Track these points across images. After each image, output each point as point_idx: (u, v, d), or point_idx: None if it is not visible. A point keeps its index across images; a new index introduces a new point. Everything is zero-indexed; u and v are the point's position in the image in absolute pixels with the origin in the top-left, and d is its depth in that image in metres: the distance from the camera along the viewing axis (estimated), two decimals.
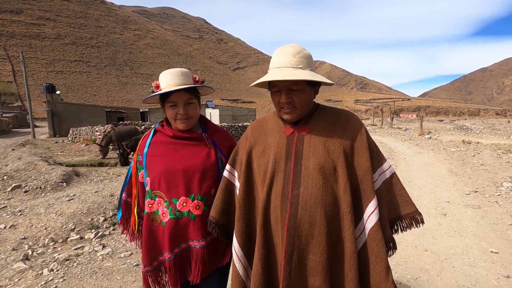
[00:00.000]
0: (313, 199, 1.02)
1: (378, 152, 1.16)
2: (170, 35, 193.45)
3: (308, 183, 1.04)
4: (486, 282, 2.56)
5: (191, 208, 1.31)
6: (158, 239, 1.34)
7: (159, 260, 1.35)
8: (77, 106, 26.95)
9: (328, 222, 1.03)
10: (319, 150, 1.07)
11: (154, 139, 1.43)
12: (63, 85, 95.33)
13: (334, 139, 1.09)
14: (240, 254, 1.18)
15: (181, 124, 1.36)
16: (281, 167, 1.10)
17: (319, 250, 1.02)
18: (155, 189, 1.34)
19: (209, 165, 1.36)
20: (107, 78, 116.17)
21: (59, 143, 16.92)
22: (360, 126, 1.14)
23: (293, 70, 1.06)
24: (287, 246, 1.03)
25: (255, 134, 1.26)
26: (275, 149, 1.14)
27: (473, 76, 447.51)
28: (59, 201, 4.98)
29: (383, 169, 1.14)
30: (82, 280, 2.78)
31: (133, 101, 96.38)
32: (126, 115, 30.56)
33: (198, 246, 1.32)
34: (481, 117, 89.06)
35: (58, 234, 3.86)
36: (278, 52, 1.11)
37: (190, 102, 1.36)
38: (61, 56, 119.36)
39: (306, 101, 1.11)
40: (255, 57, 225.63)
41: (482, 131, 20.74)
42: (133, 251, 3.37)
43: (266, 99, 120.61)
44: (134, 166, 1.45)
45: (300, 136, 1.12)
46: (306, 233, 1.03)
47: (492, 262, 2.90)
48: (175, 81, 1.32)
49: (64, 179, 6.30)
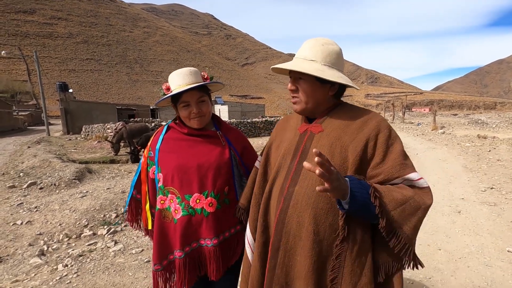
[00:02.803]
0: (304, 200, 0.99)
1: (404, 163, 0.96)
2: (179, 32, 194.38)
3: (305, 183, 1.01)
4: (503, 283, 2.48)
5: (204, 205, 1.30)
6: (169, 236, 1.34)
7: (169, 259, 1.35)
8: (89, 104, 27.47)
9: (317, 228, 0.97)
10: (324, 151, 1.02)
11: (167, 135, 1.43)
12: (75, 83, 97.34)
13: (344, 141, 1.01)
14: (251, 242, 1.19)
15: (195, 123, 1.36)
16: (286, 163, 1.10)
17: (303, 253, 0.98)
18: (167, 185, 1.33)
19: (223, 162, 1.35)
20: (118, 76, 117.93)
21: (72, 140, 17.32)
22: (382, 130, 1.00)
23: (302, 62, 1.06)
24: (274, 239, 1.04)
25: (278, 129, 1.29)
26: (286, 145, 1.14)
27: (489, 69, 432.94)
28: (72, 197, 5.09)
29: (409, 178, 0.95)
30: (95, 276, 2.84)
31: (144, 98, 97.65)
32: (136, 112, 30.96)
33: (211, 244, 1.31)
34: (497, 110, 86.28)
35: (72, 230, 3.96)
36: (303, 44, 1.11)
37: (202, 100, 1.35)
38: (73, 54, 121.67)
39: (313, 95, 1.07)
40: (263, 53, 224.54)
41: (499, 125, 20.06)
42: (144, 248, 3.43)
43: (275, 95, 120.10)
44: (145, 162, 1.45)
45: (311, 135, 1.09)
46: (294, 232, 1.00)
47: (510, 262, 2.80)
48: (184, 80, 1.32)
49: (77, 176, 6.44)
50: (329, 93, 1.08)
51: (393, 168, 0.95)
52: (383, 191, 0.90)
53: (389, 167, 0.95)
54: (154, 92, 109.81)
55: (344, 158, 0.99)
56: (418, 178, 0.95)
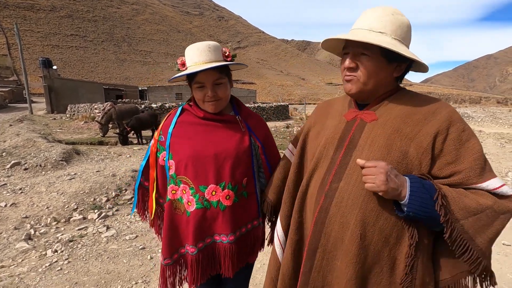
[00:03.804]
0: (351, 199, 0.86)
1: (483, 166, 0.82)
2: (169, 11, 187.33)
3: (352, 179, 0.87)
4: (502, 276, 2.52)
5: (221, 198, 1.18)
6: (181, 230, 1.22)
7: (180, 253, 1.24)
8: (75, 82, 26.32)
9: (365, 232, 0.85)
10: (379, 143, 0.87)
11: (181, 118, 1.28)
12: (59, 60, 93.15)
13: (405, 133, 0.86)
14: (282, 239, 1.09)
15: (210, 107, 1.21)
16: (329, 154, 0.96)
17: (346, 259, 0.86)
18: (180, 174, 1.20)
19: (242, 151, 1.22)
20: (105, 54, 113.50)
21: (57, 119, 16.67)
22: (454, 122, 0.85)
23: (369, 34, 0.88)
24: (311, 240, 0.93)
25: (318, 115, 1.14)
26: (329, 133, 0.99)
27: (477, 63, 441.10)
28: (60, 179, 4.88)
29: (489, 186, 0.80)
30: (88, 263, 2.72)
31: (131, 79, 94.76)
32: (124, 93, 30.03)
33: (226, 241, 1.20)
34: (482, 105, 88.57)
35: (61, 213, 3.79)
36: (364, 12, 0.93)
37: (219, 82, 1.19)
38: (57, 29, 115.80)
39: (375, 75, 0.90)
40: (256, 37, 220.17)
41: (484, 120, 20.55)
42: (138, 234, 3.31)
43: (267, 81, 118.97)
44: (155, 145, 1.30)
45: (361, 123, 0.94)
46: (335, 234, 0.89)
47: (506, 255, 2.86)
48: (201, 58, 1.16)
49: (64, 157, 6.18)
50: (393, 74, 0.92)
51: (472, 171, 0.80)
52: (452, 197, 0.78)
53: (466, 169, 0.81)
54: (142, 73, 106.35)
55: (404, 154, 0.85)
56: (500, 185, 0.80)
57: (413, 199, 0.76)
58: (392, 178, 0.78)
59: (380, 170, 0.78)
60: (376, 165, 0.80)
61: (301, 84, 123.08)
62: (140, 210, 1.39)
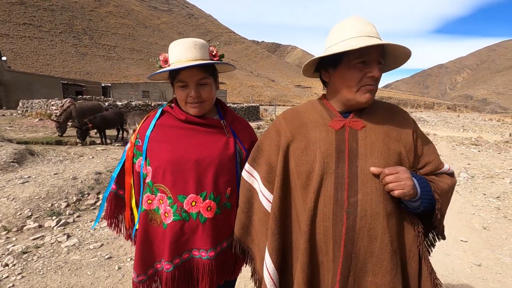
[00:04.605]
0: (373, 208, 0.86)
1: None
2: (135, 4, 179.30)
3: (367, 188, 0.87)
4: (462, 271, 2.71)
5: (201, 209, 1.09)
6: (156, 243, 1.12)
7: (155, 268, 1.14)
8: (28, 75, 24.08)
9: (392, 237, 0.87)
10: (378, 149, 0.90)
11: (160, 121, 1.17)
12: (9, 50, 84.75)
13: (394, 136, 0.94)
14: (274, 276, 0.98)
15: (192, 109, 1.13)
16: (331, 169, 0.90)
17: (381, 271, 0.85)
18: (157, 182, 1.10)
19: (227, 158, 1.14)
20: (63, 47, 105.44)
21: (7, 116, 15.12)
22: (414, 121, 1.02)
23: (378, 40, 0.89)
24: (343, 267, 0.86)
25: (292, 128, 1.02)
26: (322, 147, 0.93)
27: (431, 72, 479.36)
28: (10, 183, 4.39)
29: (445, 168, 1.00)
30: (45, 277, 2.46)
31: (93, 74, 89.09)
32: (85, 89, 28.15)
33: (206, 257, 1.11)
34: (434, 110, 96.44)
35: (12, 221, 3.40)
36: (352, 21, 0.91)
37: (204, 82, 1.11)
38: (6, 17, 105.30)
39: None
40: (226, 37, 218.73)
41: (437, 124, 22.41)
42: (103, 242, 3.08)
43: (237, 81, 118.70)
44: (131, 149, 1.19)
45: (352, 131, 0.93)
46: (364, 249, 0.86)
47: (464, 250, 3.08)
48: (185, 55, 1.07)
49: (15, 159, 5.59)
50: None
51: (437, 159, 0.99)
52: (436, 184, 0.91)
53: (435, 159, 0.98)
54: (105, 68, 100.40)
55: (399, 155, 0.93)
56: (449, 167, 1.02)
57: (424, 195, 0.87)
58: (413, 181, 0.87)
59: (406, 176, 0.85)
60: (397, 171, 0.85)
61: (271, 86, 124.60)
62: (111, 220, 1.26)
